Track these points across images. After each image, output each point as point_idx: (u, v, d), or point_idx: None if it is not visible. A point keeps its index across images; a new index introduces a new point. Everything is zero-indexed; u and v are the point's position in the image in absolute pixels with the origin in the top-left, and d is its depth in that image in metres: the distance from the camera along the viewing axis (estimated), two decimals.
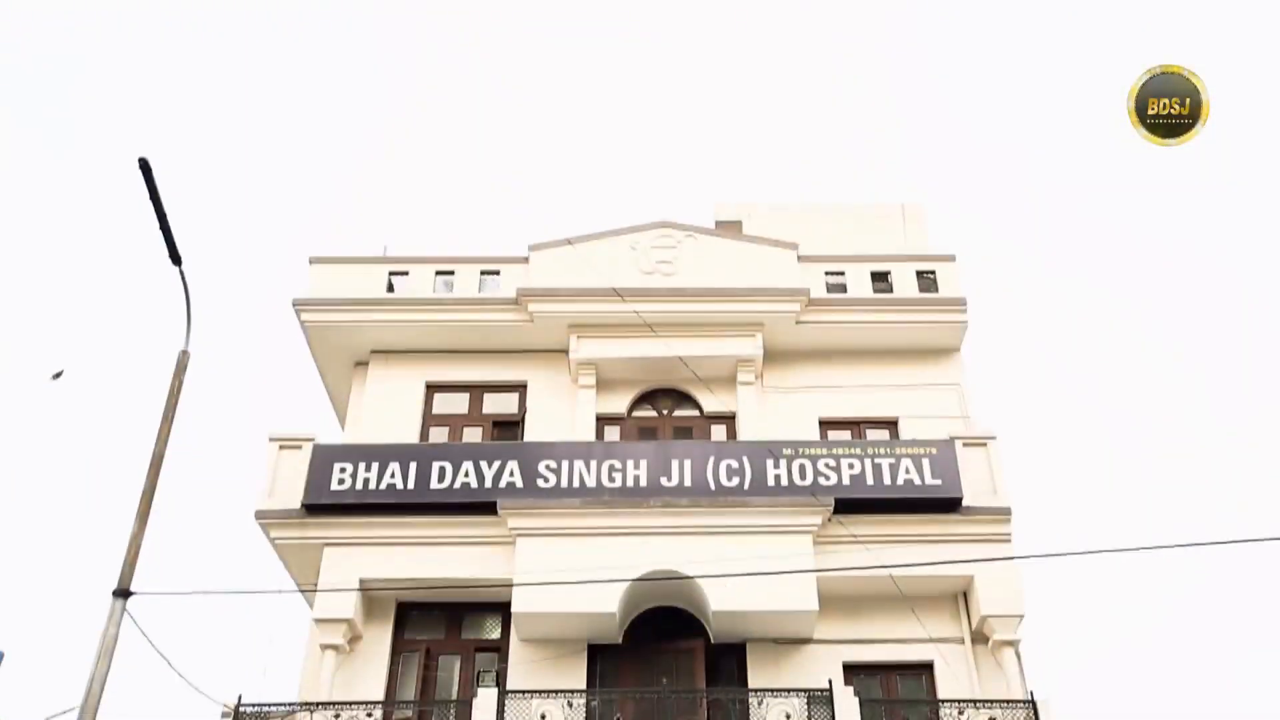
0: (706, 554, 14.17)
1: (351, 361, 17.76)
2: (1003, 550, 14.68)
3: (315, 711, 13.46)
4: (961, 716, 13.45)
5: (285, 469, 15.36)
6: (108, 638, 10.74)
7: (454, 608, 15.39)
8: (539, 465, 15.25)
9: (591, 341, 17.02)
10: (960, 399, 16.96)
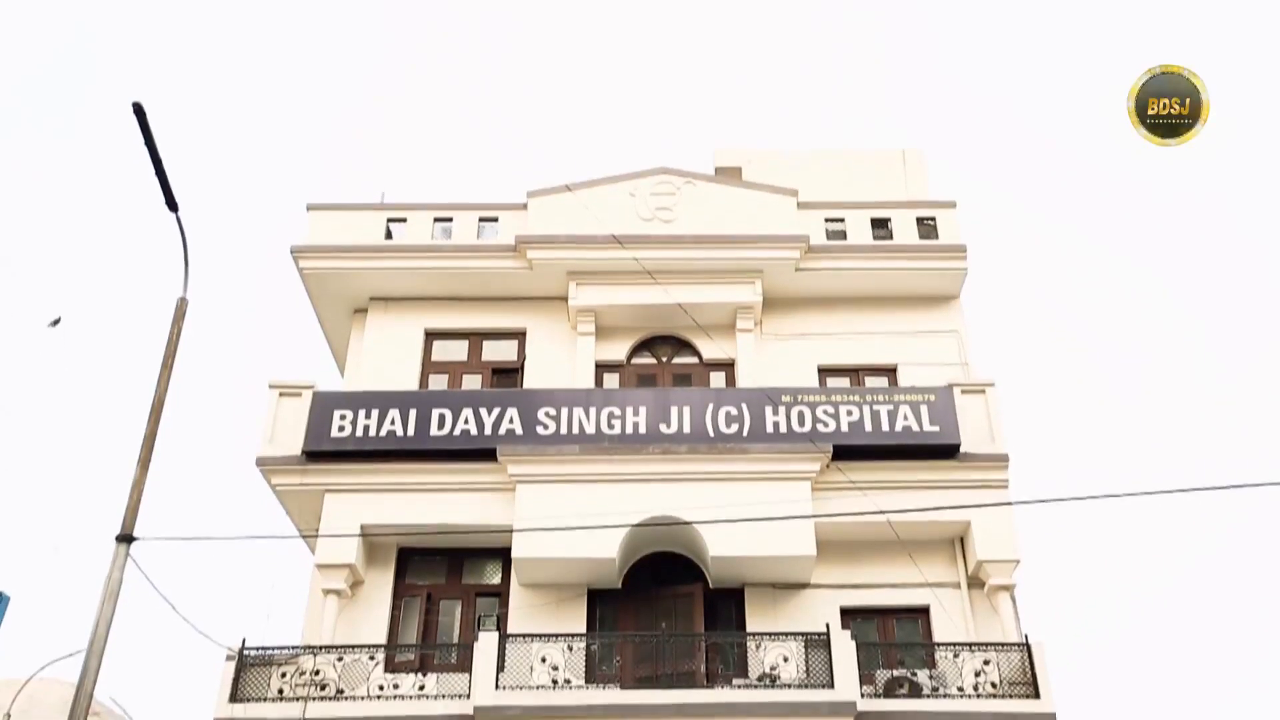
0: (705, 500, 14.27)
1: (350, 309, 17.74)
2: (999, 496, 14.77)
3: (318, 654, 13.62)
4: (957, 659, 13.62)
5: (285, 416, 15.41)
6: (112, 582, 10.82)
7: (455, 553, 15.51)
8: (538, 412, 15.29)
9: (590, 288, 16.98)
10: (959, 346, 16.96)
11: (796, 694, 12.93)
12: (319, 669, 13.45)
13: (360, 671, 13.54)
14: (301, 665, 13.52)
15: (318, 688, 13.31)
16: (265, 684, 13.44)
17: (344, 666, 13.56)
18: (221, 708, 13.17)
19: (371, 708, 13.20)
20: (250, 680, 13.44)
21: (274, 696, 13.33)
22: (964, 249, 17.29)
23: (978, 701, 13.20)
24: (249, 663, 13.53)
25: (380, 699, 13.31)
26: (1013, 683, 13.40)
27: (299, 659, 13.64)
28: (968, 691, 13.30)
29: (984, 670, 13.45)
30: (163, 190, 12.14)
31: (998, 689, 13.34)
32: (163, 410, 11.82)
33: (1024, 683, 13.37)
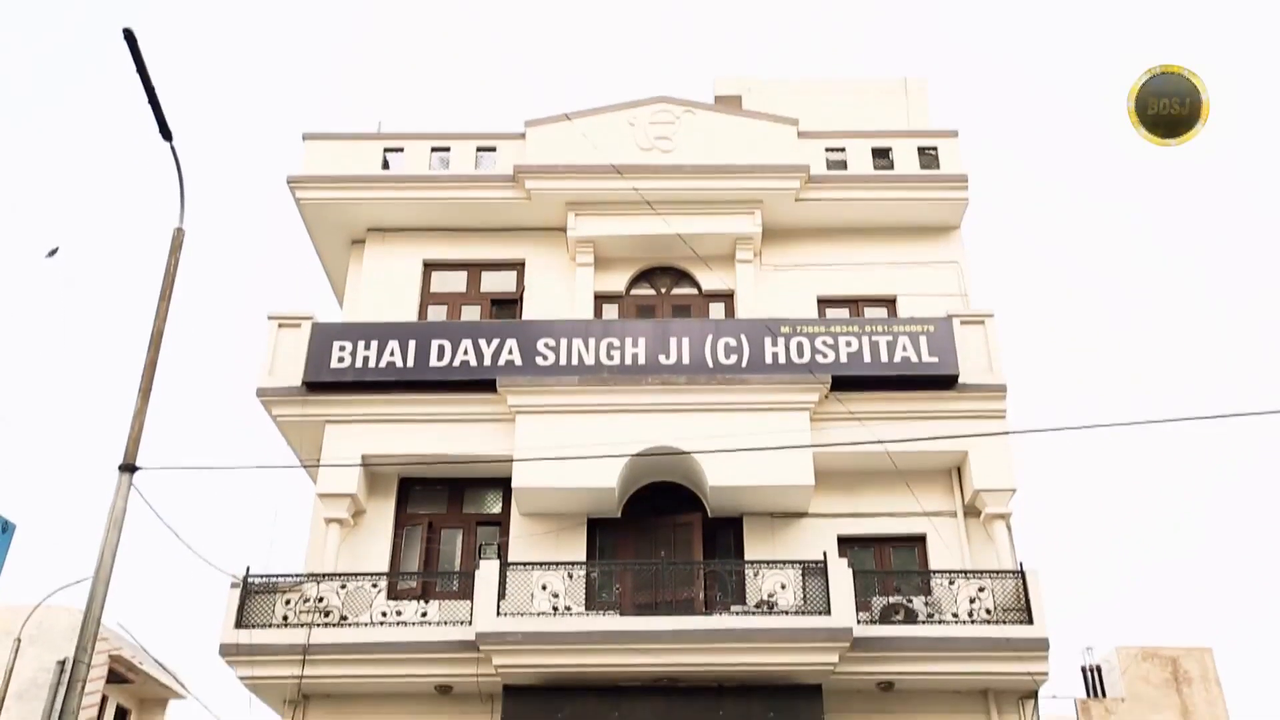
0: (704, 430, 14.33)
1: (348, 240, 17.66)
2: (997, 426, 14.84)
3: (321, 582, 13.80)
4: (952, 586, 13.80)
5: (285, 347, 15.42)
6: (116, 511, 10.92)
7: (455, 483, 15.63)
8: (538, 343, 15.29)
9: (589, 219, 16.89)
10: (959, 277, 16.92)
11: (794, 620, 13.10)
12: (322, 596, 13.63)
13: (363, 599, 13.72)
14: (305, 592, 13.70)
15: (321, 614, 13.51)
16: (270, 611, 13.64)
17: (347, 594, 13.74)
18: (227, 633, 13.38)
19: (375, 634, 13.40)
20: (255, 607, 13.64)
21: (278, 623, 13.53)
22: (965, 179, 17.17)
23: (972, 627, 13.39)
24: (253, 590, 13.71)
25: (383, 625, 13.50)
26: (1007, 609, 13.58)
27: (302, 586, 13.82)
28: (962, 618, 13.49)
29: (979, 597, 13.63)
30: (156, 119, 12.02)
31: (992, 615, 13.52)
32: (162, 340, 11.84)
33: (1018, 609, 13.55)
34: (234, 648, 13.32)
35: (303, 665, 13.18)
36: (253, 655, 13.30)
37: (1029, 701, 13.85)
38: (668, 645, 12.98)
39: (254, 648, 13.30)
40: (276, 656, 13.28)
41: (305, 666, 13.19)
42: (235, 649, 13.31)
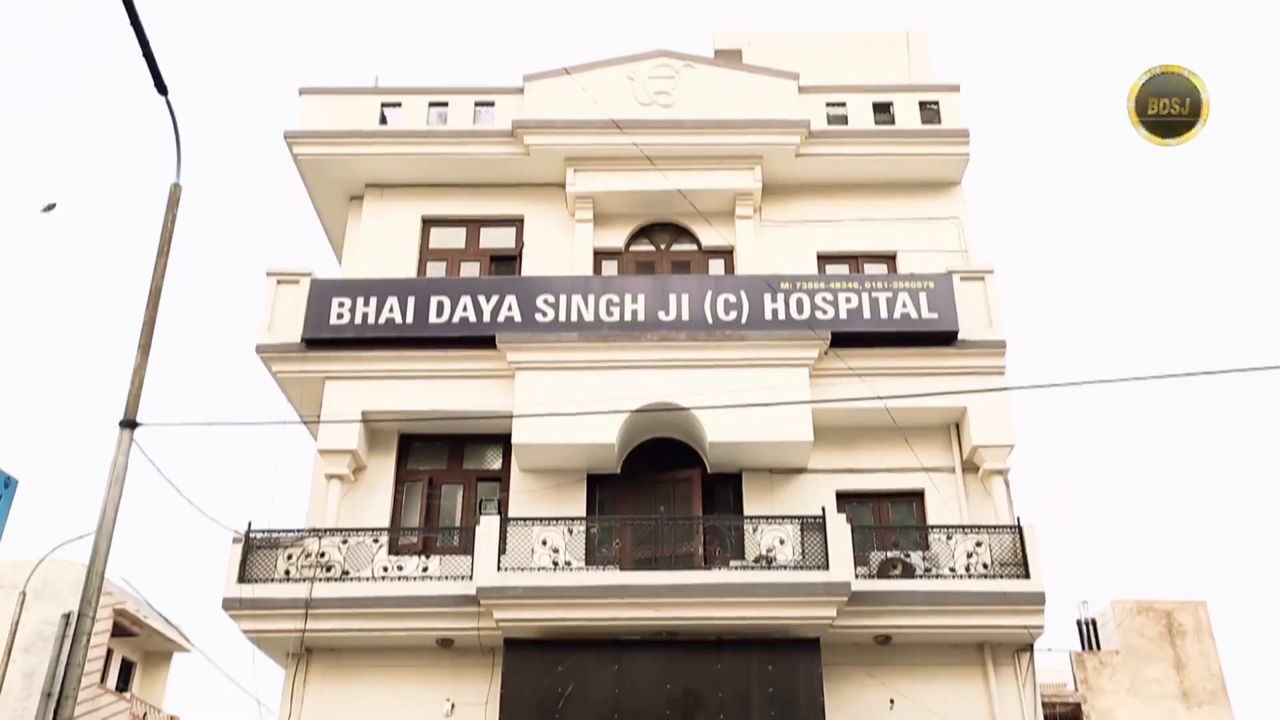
0: (704, 386, 14.36)
1: (346, 196, 17.58)
2: (996, 383, 14.86)
3: (323, 537, 13.88)
4: (950, 541, 13.88)
5: (284, 303, 15.41)
6: (117, 467, 10.97)
7: (455, 439, 15.67)
8: (537, 299, 15.27)
9: (588, 174, 16.80)
10: (959, 232, 16.86)
11: (792, 575, 13.19)
12: (324, 551, 13.72)
13: (364, 554, 13.81)
14: (307, 548, 13.79)
15: (323, 569, 13.60)
16: (272, 565, 13.73)
17: (348, 549, 13.83)
18: (230, 588, 13.48)
19: (377, 588, 13.50)
20: (257, 562, 13.73)
21: (281, 577, 13.63)
22: (966, 134, 17.06)
23: (969, 582, 13.49)
24: (255, 545, 13.80)
25: (385, 580, 13.60)
26: (1004, 563, 13.68)
27: (304, 542, 13.90)
28: (959, 572, 13.59)
29: (976, 552, 13.72)
30: (151, 73, 11.91)
31: (989, 569, 13.62)
32: (161, 296, 11.83)
33: (1015, 563, 13.65)
34: (237, 602, 13.42)
35: (305, 619, 13.29)
36: (255, 609, 13.41)
37: (1025, 654, 13.99)
38: (667, 600, 13.08)
39: (257, 602, 13.40)
40: (279, 610, 13.39)
41: (308, 620, 13.30)
42: (238, 603, 13.42)
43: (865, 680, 13.70)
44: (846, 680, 13.62)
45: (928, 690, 13.69)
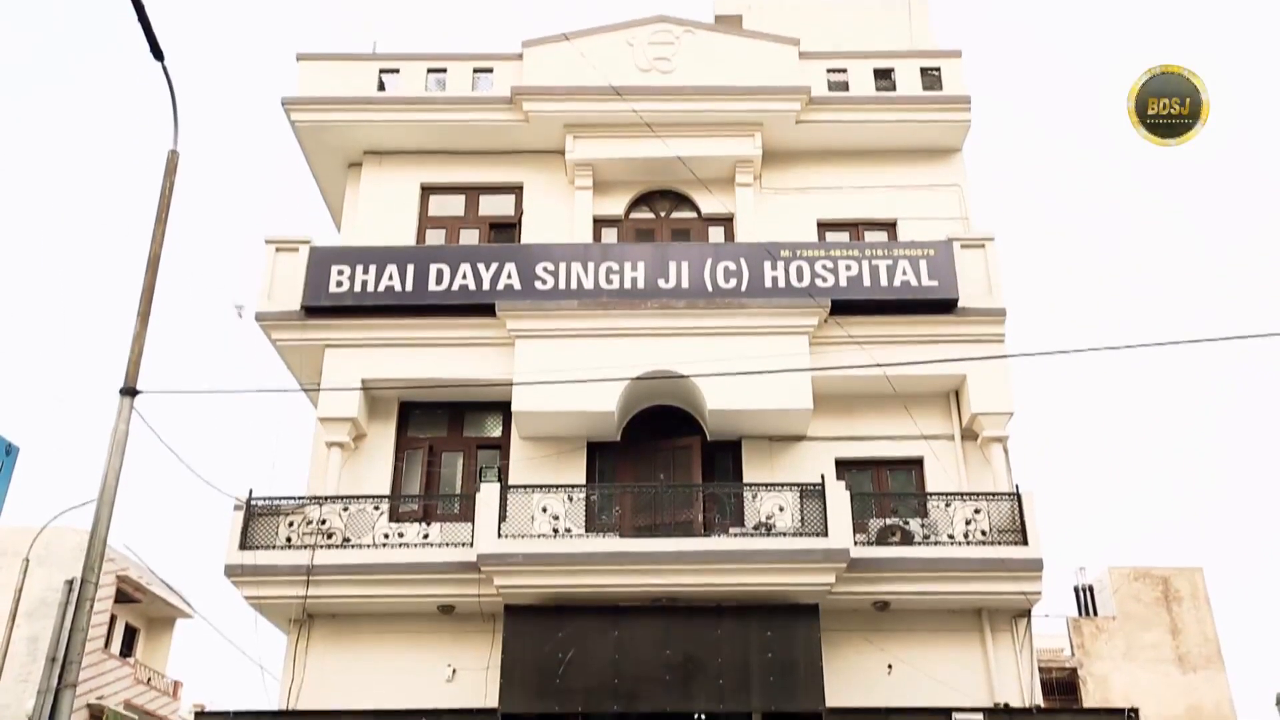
0: (703, 354, 14.36)
1: (344, 163, 17.51)
2: (995, 350, 14.86)
3: (324, 505, 13.92)
4: (948, 508, 13.93)
5: (283, 271, 15.38)
6: (118, 434, 10.99)
7: (455, 406, 15.69)
8: (536, 267, 15.24)
9: (588, 142, 16.72)
10: (960, 200, 16.80)
11: (791, 542, 13.25)
12: (325, 518, 13.77)
13: (365, 521, 13.86)
14: (308, 515, 13.84)
15: (324, 536, 13.66)
16: (273, 533, 13.79)
17: (349, 516, 13.87)
18: (232, 555, 13.54)
19: (378, 555, 13.56)
20: (259, 529, 13.79)
21: (282, 544, 13.69)
22: (968, 100, 16.96)
23: (967, 548, 13.55)
24: (257, 512, 13.85)
25: (385, 547, 13.66)
26: (1002, 530, 13.74)
27: (305, 509, 13.95)
28: (958, 539, 13.64)
29: (974, 519, 13.77)
30: (147, 38, 11.82)
31: (987, 536, 13.68)
32: (159, 263, 11.81)
33: (1013, 530, 13.70)
34: (239, 568, 13.49)
35: (307, 586, 13.36)
36: (257, 576, 13.48)
37: (1022, 620, 14.09)
38: (667, 566, 13.15)
39: (258, 568, 13.47)
40: (280, 577, 13.46)
41: (309, 587, 13.38)
42: (240, 570, 13.48)
43: (864, 646, 13.80)
44: (845, 646, 13.71)
45: (926, 656, 13.79)
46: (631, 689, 13.00)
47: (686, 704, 13.13)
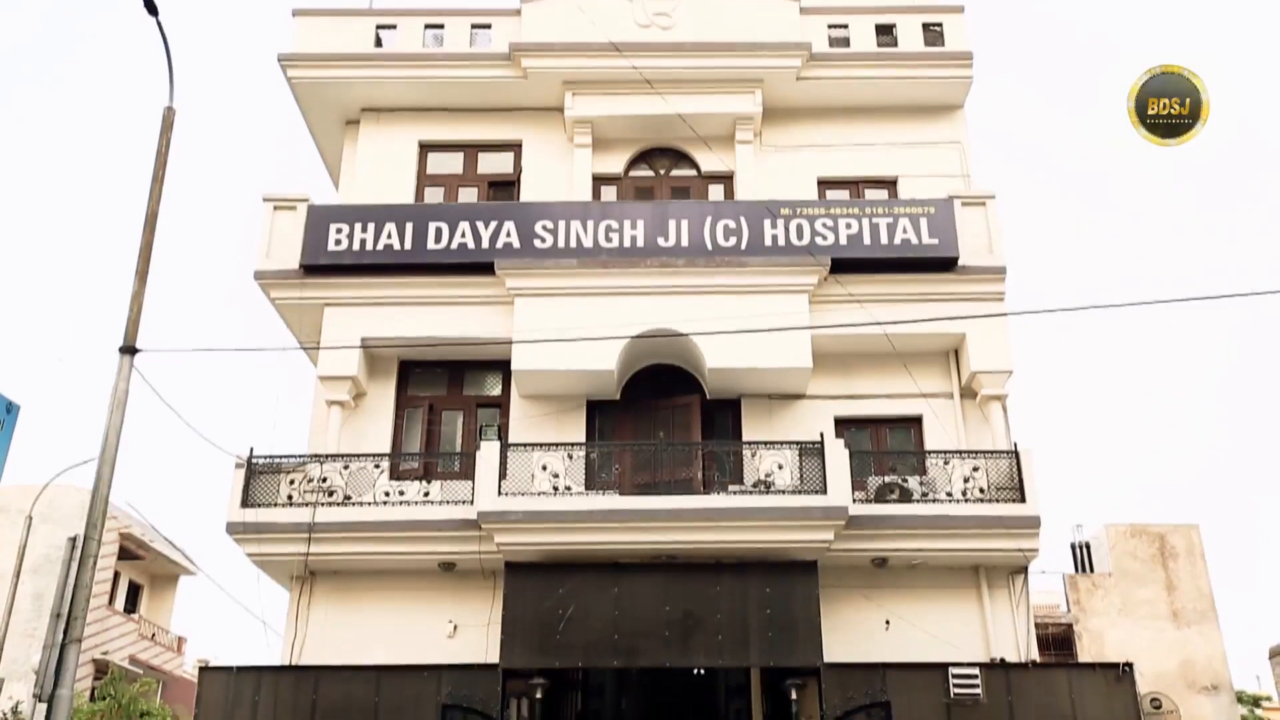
0: (703, 312, 14.34)
1: (342, 120, 17.39)
2: (995, 309, 14.85)
3: (325, 463, 13.98)
4: (947, 466, 13.99)
5: (281, 229, 15.32)
6: (118, 393, 11.03)
7: (455, 365, 15.70)
8: (535, 225, 15.19)
9: (587, 98, 16.60)
10: (961, 157, 16.71)
11: (790, 499, 13.30)
12: (325, 476, 13.83)
13: (366, 479, 13.92)
14: (309, 473, 13.89)
15: (325, 494, 13.72)
16: (275, 491, 13.85)
17: (350, 474, 13.93)
18: (234, 512, 13.61)
19: (379, 513, 13.64)
20: (260, 487, 13.85)
21: (283, 502, 13.76)
22: (970, 56, 16.83)
23: (966, 506, 13.62)
24: (258, 471, 13.90)
25: (386, 505, 13.73)
26: (1000, 488, 13.79)
27: (306, 467, 14.00)
28: (956, 496, 13.71)
29: (973, 476, 13.83)
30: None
31: (985, 494, 13.73)
32: (157, 222, 11.79)
33: (1011, 488, 13.76)
34: (240, 526, 13.57)
35: (308, 543, 13.45)
36: (259, 533, 13.57)
37: (1019, 577, 14.19)
38: (666, 524, 13.21)
39: (260, 526, 13.55)
40: (282, 535, 13.54)
41: (311, 544, 13.46)
42: (242, 527, 13.56)
43: (862, 602, 13.91)
44: (843, 602, 13.82)
45: (923, 612, 13.90)
46: (631, 645, 13.13)
47: (686, 660, 13.27)
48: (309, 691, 13.00)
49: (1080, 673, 14.15)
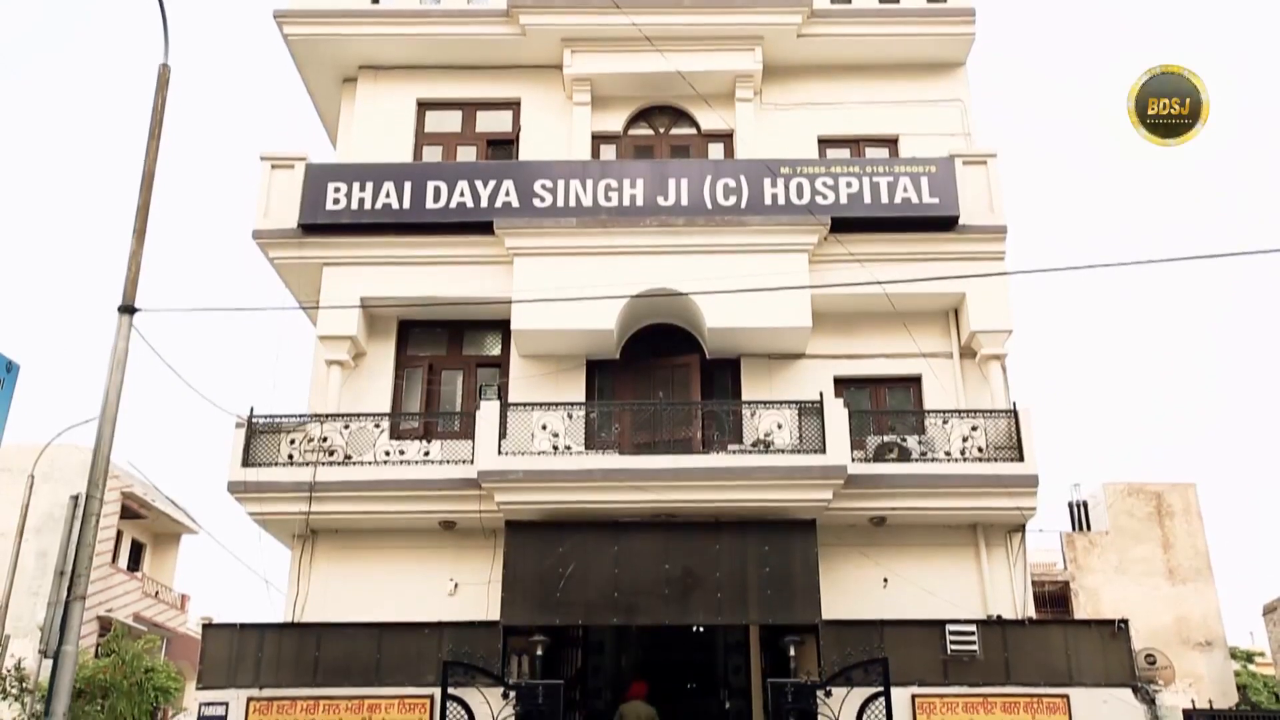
0: (703, 272, 14.32)
1: (339, 78, 17.24)
2: (996, 268, 14.81)
3: (325, 422, 14.00)
4: (946, 425, 14.02)
5: (279, 189, 15.24)
6: (118, 352, 11.03)
7: (455, 325, 15.69)
8: (535, 184, 15.11)
9: (586, 56, 16.45)
10: (962, 116, 16.59)
11: (789, 459, 13.34)
12: (326, 436, 13.86)
13: (366, 438, 13.96)
14: (309, 432, 13.92)
15: (326, 454, 13.76)
16: (275, 450, 13.89)
17: (350, 434, 13.96)
18: (235, 472, 13.66)
19: (379, 472, 13.69)
20: (260, 446, 13.88)
21: (284, 461, 13.80)
22: (972, 12, 16.67)
23: (964, 465, 13.66)
24: (258, 430, 13.93)
25: (387, 464, 13.78)
26: (999, 447, 13.84)
27: (306, 427, 14.03)
28: (955, 456, 13.75)
29: (971, 435, 13.86)
30: None
31: (984, 453, 13.78)
32: (154, 180, 11.72)
33: (1010, 447, 13.80)
34: (242, 485, 13.62)
35: (309, 502, 13.50)
36: (260, 492, 13.62)
37: (1016, 535, 14.27)
38: (666, 483, 13.26)
39: (261, 485, 13.60)
40: (283, 494, 13.59)
41: (312, 503, 13.51)
42: (243, 486, 13.62)
43: (860, 560, 14.00)
44: (842, 560, 13.91)
45: (921, 569, 14.00)
46: (631, 602, 13.23)
47: (685, 617, 13.39)
48: (311, 648, 13.13)
49: (1076, 629, 14.27)
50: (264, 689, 12.89)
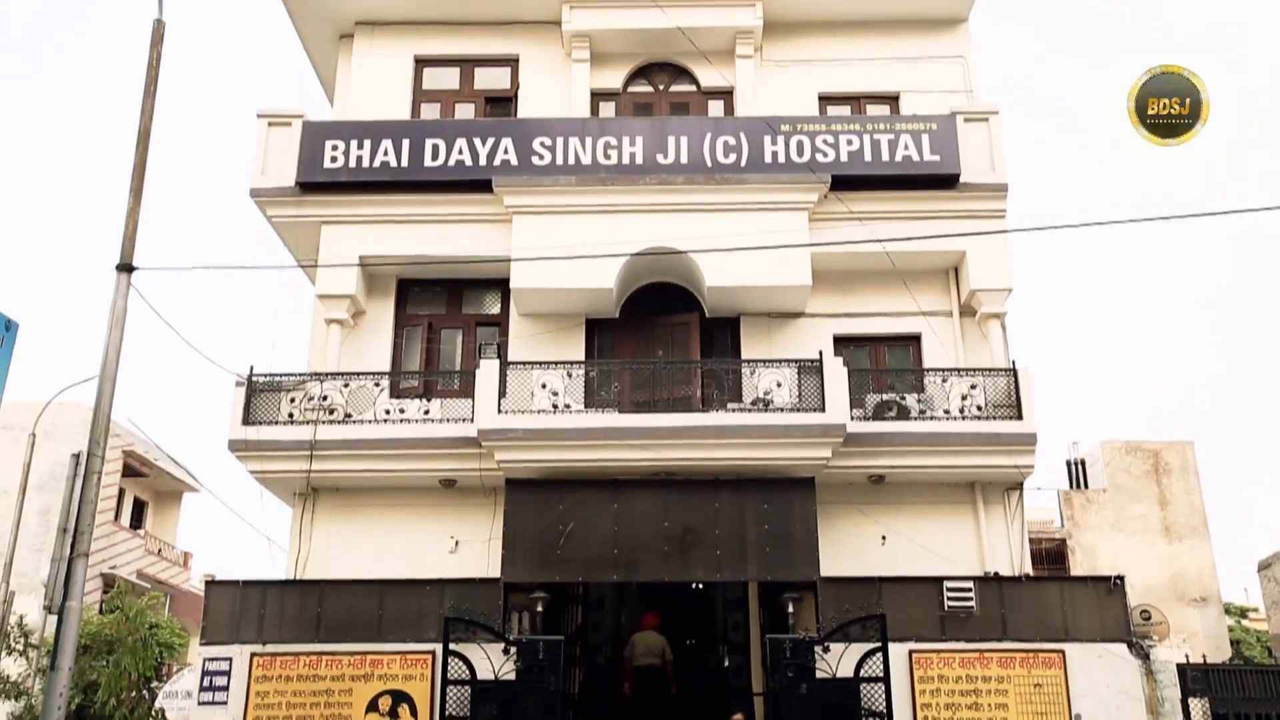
0: (702, 230, 14.25)
1: (336, 34, 17.09)
2: (996, 226, 14.75)
3: (325, 381, 14.02)
4: (945, 384, 14.04)
5: (276, 146, 15.15)
6: (117, 310, 11.02)
7: (454, 283, 15.67)
8: (533, 142, 15.01)
9: (585, 11, 16.28)
10: (964, 73, 16.44)
11: (789, 417, 13.37)
12: (326, 395, 13.88)
13: (366, 397, 13.98)
14: (309, 391, 13.94)
15: (326, 412, 13.79)
16: (275, 408, 13.91)
17: (350, 392, 13.98)
18: (235, 430, 13.69)
19: (379, 430, 13.72)
20: (261, 405, 13.91)
21: (284, 420, 13.83)
22: None
23: (963, 423, 13.70)
24: (258, 389, 13.95)
25: (387, 422, 13.81)
26: (998, 405, 13.86)
27: (306, 385, 14.05)
28: (954, 414, 13.78)
29: (970, 394, 13.88)
30: None
31: (983, 411, 13.80)
32: (150, 137, 11.64)
33: (1008, 405, 13.82)
34: (242, 443, 13.66)
35: (310, 460, 13.55)
36: (261, 451, 13.66)
37: (1014, 493, 14.32)
38: (666, 441, 13.29)
39: (262, 444, 13.64)
40: (284, 452, 13.63)
41: (312, 461, 13.56)
42: (244, 445, 13.66)
43: (859, 518, 14.07)
44: (840, 518, 13.98)
45: (919, 527, 14.06)
46: (630, 560, 13.32)
47: (685, 574, 13.49)
48: (314, 604, 13.23)
49: (1072, 586, 14.38)
50: (267, 644, 13.02)
